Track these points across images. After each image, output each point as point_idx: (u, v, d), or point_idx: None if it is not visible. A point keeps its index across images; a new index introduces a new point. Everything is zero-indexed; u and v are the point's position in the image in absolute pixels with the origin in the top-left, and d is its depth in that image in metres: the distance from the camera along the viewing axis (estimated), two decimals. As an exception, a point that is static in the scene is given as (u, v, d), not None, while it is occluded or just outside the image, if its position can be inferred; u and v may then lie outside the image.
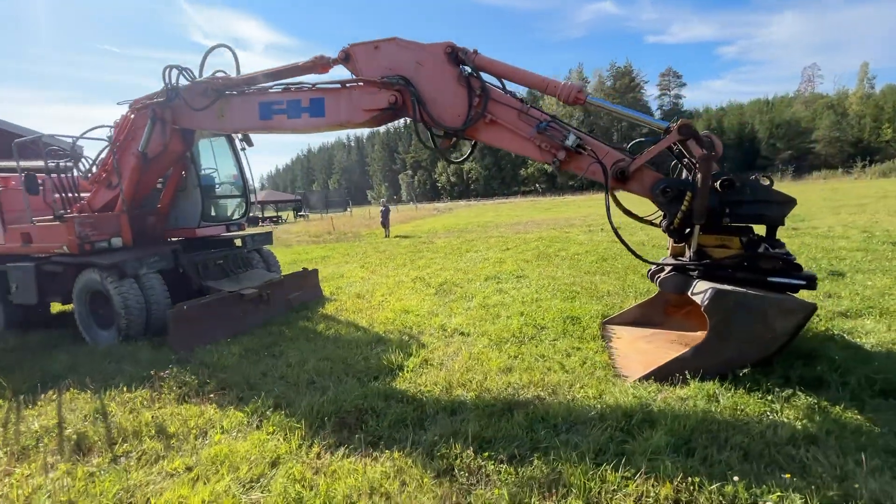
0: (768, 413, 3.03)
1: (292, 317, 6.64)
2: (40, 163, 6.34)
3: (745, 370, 3.51)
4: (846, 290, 5.70)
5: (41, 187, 6.28)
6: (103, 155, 6.56)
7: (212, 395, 3.96)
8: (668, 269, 4.28)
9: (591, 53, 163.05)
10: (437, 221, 28.90)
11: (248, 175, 8.05)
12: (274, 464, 2.83)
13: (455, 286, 7.80)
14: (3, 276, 6.56)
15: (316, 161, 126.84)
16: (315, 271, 8.08)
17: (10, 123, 13.33)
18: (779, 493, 2.23)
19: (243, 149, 7.70)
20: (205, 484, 2.63)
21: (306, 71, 5.37)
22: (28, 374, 4.76)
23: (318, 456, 2.91)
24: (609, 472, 2.49)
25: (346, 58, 4.98)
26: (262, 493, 2.55)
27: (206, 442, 3.17)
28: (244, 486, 2.63)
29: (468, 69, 4.54)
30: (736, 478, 2.32)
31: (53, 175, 6.46)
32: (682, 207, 3.93)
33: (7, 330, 6.69)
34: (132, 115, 6.24)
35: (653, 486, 2.38)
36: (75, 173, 6.79)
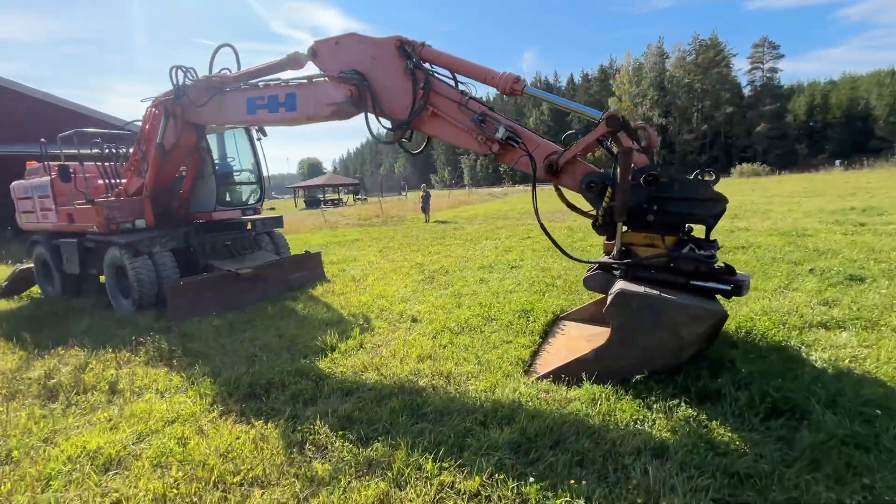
0: (637, 422, 2.93)
1: (286, 296, 7.22)
2: (86, 152, 7.45)
3: (639, 377, 3.37)
4: (849, 297, 5.06)
5: (82, 175, 7.37)
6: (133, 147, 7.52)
7: (173, 361, 4.57)
8: (592, 267, 4.15)
9: (678, 26, 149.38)
10: (484, 207, 28.82)
11: (262, 164, 8.74)
12: (172, 422, 3.29)
13: (445, 274, 7.96)
14: (58, 250, 7.82)
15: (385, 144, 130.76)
16: (318, 254, 8.64)
17: (96, 111, 15.41)
18: (566, 500, 2.23)
19: (259, 139, 8.38)
20: (110, 433, 3.14)
21: (284, 67, 5.73)
22: (53, 333, 5.74)
23: (214, 420, 3.32)
24: (429, 460, 2.62)
25: (313, 54, 5.26)
26: (146, 445, 3.00)
27: (139, 399, 3.72)
28: (138, 437, 3.11)
29: (413, 62, 4.62)
30: (532, 479, 2.35)
31: (99, 163, 7.57)
32: (604, 203, 3.79)
33: (62, 295, 7.99)
34: (154, 111, 7.04)
35: (462, 478, 2.47)
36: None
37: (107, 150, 7.65)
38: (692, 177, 3.94)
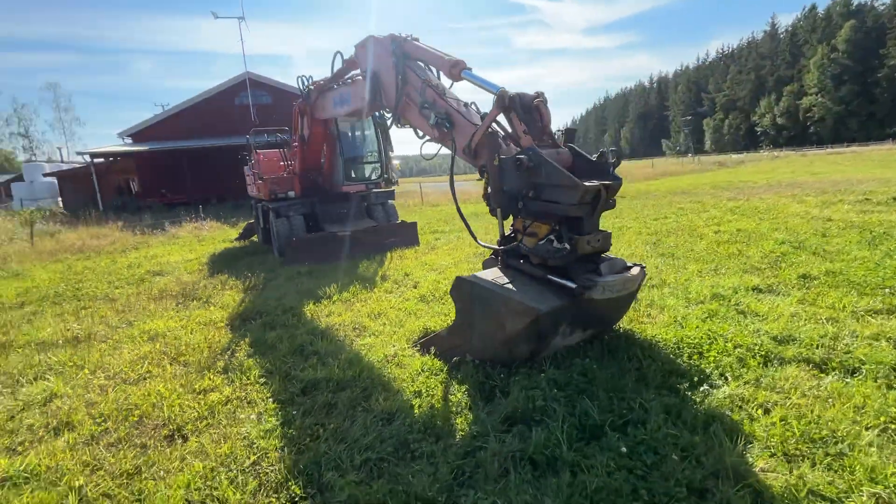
0: (400, 393, 3.24)
1: (370, 257, 8.82)
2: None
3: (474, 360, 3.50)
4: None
5: (264, 159, 10.63)
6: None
7: (254, 287, 6.75)
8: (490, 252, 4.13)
9: None
10: (689, 179, 24.81)
11: (384, 147, 10.56)
12: (205, 323, 5.23)
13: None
14: (258, 211, 11.51)
15: (612, 109, 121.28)
16: (413, 224, 10.01)
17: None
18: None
19: (389, 127, 10.22)
20: (138, 343, 5.21)
21: (349, 69, 7.08)
22: (244, 261, 8.88)
23: (216, 326, 5.11)
24: (272, 375, 3.67)
25: (356, 56, 6.44)
26: (151, 345, 4.97)
27: (187, 315, 5.86)
28: (150, 340, 5.13)
29: (395, 57, 5.22)
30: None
31: (280, 150, 10.75)
32: (486, 189, 3.82)
33: (263, 245, 11.76)
34: (296, 109, 9.55)
35: (256, 390, 3.45)
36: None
37: (280, 140, 10.75)
38: (595, 158, 3.53)
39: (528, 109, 3.74)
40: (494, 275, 3.61)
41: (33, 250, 11.89)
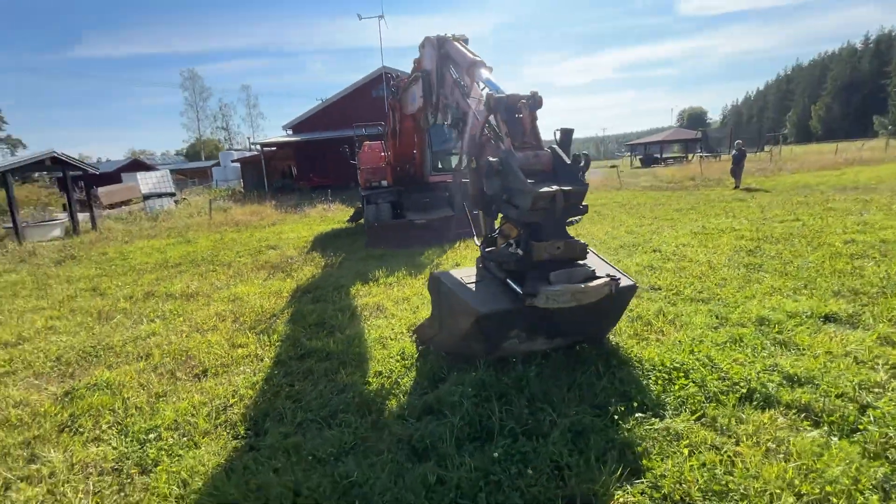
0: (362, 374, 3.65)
1: (441, 245, 9.30)
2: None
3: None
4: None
5: (367, 150, 11.85)
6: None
7: (328, 265, 7.86)
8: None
9: None
10: (890, 170, 19.56)
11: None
12: (265, 293, 6.40)
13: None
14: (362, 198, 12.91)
15: (800, 80, 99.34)
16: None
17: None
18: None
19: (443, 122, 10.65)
20: (221, 303, 6.52)
21: (419, 66, 7.60)
22: (329, 246, 10.32)
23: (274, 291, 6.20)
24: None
25: (419, 55, 6.93)
26: (228, 305, 6.20)
27: (268, 284, 7.08)
28: (230, 301, 6.36)
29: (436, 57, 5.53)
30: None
31: (381, 142, 11.90)
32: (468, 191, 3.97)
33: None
34: (389, 105, 10.45)
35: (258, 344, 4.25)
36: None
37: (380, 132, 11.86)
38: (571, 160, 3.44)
39: (512, 111, 3.73)
40: (464, 273, 3.76)
41: (209, 222, 15.31)
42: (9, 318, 6.00)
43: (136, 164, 37.17)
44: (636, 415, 2.80)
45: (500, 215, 3.81)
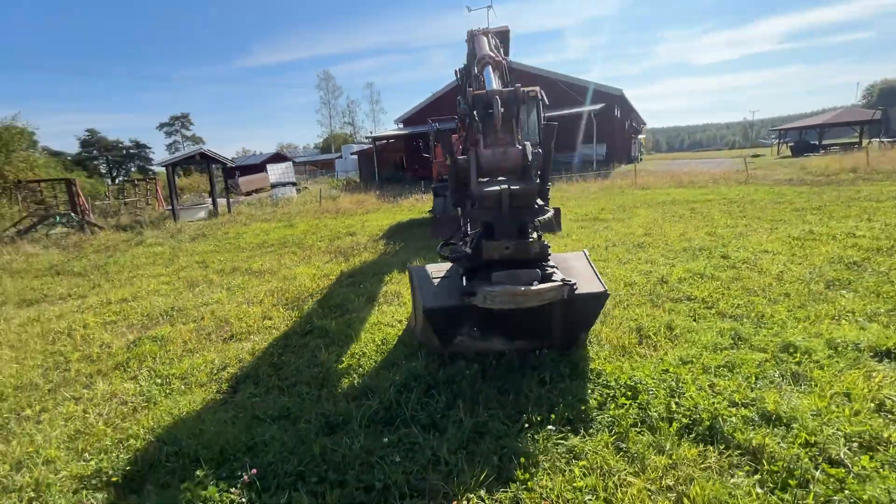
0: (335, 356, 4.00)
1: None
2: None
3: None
4: None
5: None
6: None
7: (368, 253, 8.47)
8: None
9: None
10: None
11: (539, 129, 10.64)
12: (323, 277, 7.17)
13: (608, 246, 7.29)
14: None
15: None
16: (556, 210, 9.77)
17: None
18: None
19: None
20: (278, 280, 7.39)
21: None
22: (399, 235, 11.01)
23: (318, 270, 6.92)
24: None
25: (468, 49, 7.06)
26: (281, 283, 7.04)
27: (324, 267, 7.84)
28: (284, 280, 7.20)
29: None
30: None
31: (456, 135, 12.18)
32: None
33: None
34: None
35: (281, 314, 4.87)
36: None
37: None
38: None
39: (487, 107, 3.69)
40: (436, 269, 3.87)
41: (316, 209, 17.30)
42: (138, 281, 7.75)
43: (278, 157, 43.10)
44: (548, 427, 2.68)
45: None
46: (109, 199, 18.67)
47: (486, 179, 3.43)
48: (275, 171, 25.61)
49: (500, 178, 3.44)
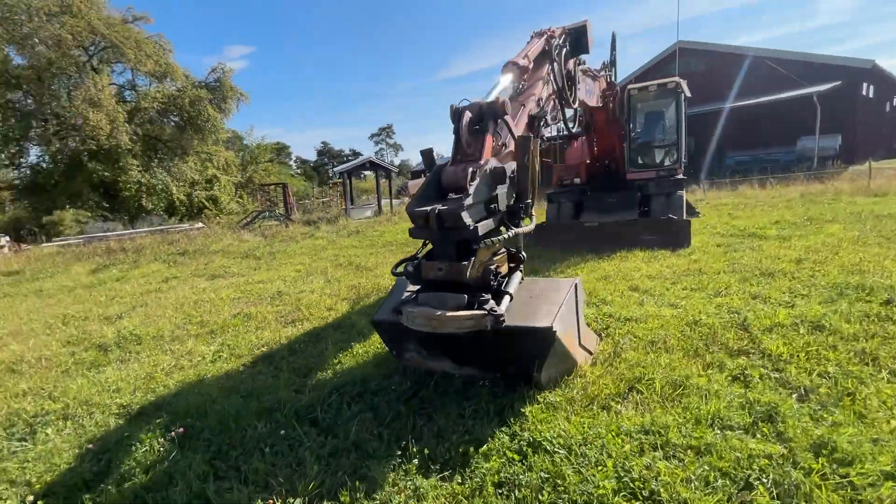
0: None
1: (614, 251, 8.19)
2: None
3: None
4: None
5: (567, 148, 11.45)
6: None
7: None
8: None
9: None
10: None
11: (682, 131, 9.12)
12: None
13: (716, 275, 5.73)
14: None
15: None
16: (685, 222, 8.18)
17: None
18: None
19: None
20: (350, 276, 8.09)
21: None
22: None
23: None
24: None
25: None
26: (359, 278, 7.76)
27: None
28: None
29: None
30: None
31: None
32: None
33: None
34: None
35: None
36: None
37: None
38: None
39: (457, 122, 3.56)
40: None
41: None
42: (282, 268, 9.76)
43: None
44: (414, 461, 2.54)
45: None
46: (312, 199, 23.65)
47: (456, 196, 3.29)
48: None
49: (453, 196, 3.30)
